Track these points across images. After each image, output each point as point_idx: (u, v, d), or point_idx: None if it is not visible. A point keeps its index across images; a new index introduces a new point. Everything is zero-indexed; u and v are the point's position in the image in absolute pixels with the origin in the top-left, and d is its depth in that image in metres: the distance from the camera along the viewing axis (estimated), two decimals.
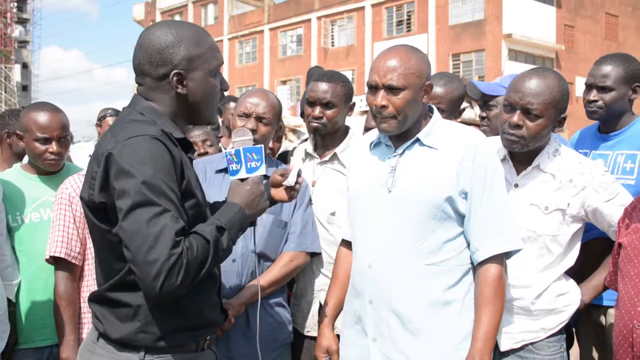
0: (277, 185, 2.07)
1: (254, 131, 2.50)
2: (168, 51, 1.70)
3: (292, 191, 2.07)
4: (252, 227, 2.00)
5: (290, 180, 2.03)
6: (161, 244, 1.48)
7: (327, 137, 2.90)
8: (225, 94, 2.47)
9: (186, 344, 1.73)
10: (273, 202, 2.08)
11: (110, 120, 4.51)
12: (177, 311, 1.69)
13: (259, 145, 1.88)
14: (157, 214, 1.50)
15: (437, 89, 2.87)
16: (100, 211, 1.63)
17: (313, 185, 2.84)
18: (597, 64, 2.83)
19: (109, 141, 1.62)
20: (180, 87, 1.73)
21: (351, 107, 2.94)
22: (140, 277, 1.52)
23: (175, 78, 1.71)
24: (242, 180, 1.83)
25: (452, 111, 3.00)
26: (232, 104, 4.72)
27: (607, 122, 2.84)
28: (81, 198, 1.71)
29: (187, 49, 1.71)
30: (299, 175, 2.05)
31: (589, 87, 2.82)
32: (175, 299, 1.58)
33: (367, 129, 3.23)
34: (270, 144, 3.25)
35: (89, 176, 1.66)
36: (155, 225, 1.49)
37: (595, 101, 2.79)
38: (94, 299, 1.75)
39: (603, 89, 2.77)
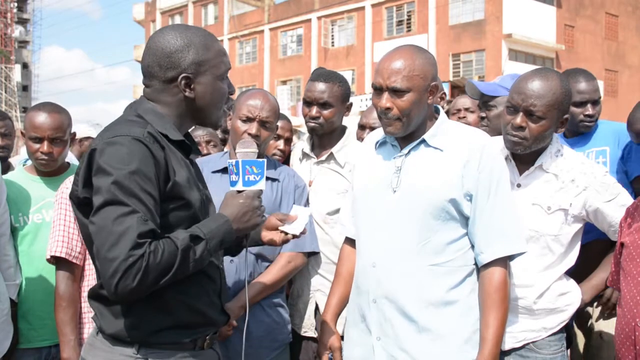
0: (272, 228, 1.99)
1: (257, 137, 2.49)
2: (177, 55, 1.72)
3: (287, 236, 1.98)
4: (245, 241, 1.98)
5: (295, 229, 1.96)
6: (122, 243, 1.48)
7: (324, 137, 2.89)
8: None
9: (181, 341, 1.73)
10: (259, 242, 2.02)
11: None
12: (168, 309, 1.69)
13: (261, 160, 1.84)
14: (124, 214, 1.51)
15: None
16: (85, 206, 1.64)
17: (310, 185, 2.83)
18: (584, 81, 2.95)
19: (97, 139, 1.65)
20: (188, 91, 1.75)
21: (348, 107, 2.93)
22: (101, 273, 1.54)
23: (183, 82, 1.73)
24: (239, 192, 1.81)
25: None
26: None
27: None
28: (70, 196, 1.73)
29: (196, 54, 1.73)
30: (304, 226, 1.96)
31: (584, 103, 2.93)
32: (157, 297, 1.60)
33: (361, 126, 3.24)
34: (282, 146, 3.26)
35: (77, 173, 1.68)
36: (120, 224, 1.50)
37: (592, 115, 2.94)
38: (91, 295, 1.77)
39: (596, 103, 2.95)
